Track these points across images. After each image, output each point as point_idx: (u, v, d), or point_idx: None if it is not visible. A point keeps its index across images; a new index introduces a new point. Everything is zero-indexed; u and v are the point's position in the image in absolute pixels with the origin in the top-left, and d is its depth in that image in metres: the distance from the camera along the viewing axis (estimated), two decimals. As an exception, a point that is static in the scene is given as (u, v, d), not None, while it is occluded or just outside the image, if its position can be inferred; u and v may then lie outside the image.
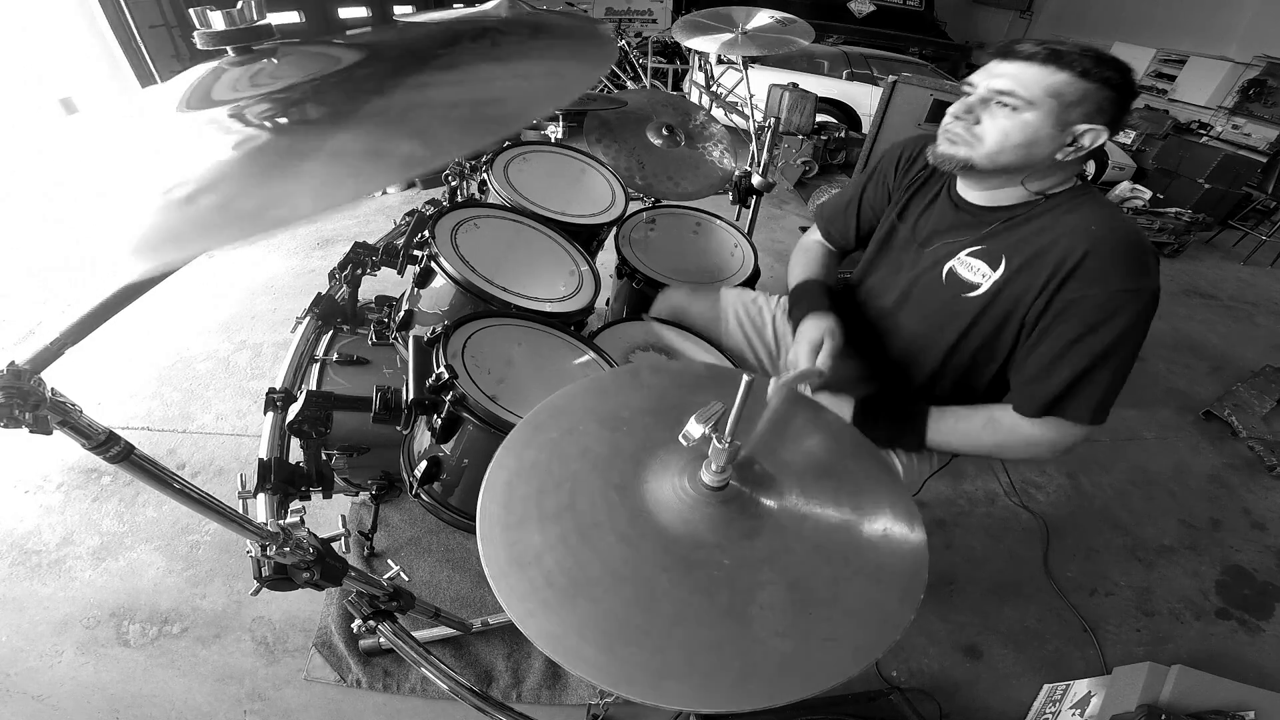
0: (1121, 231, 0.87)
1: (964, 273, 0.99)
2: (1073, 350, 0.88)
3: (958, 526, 1.91)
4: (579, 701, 1.36)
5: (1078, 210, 0.91)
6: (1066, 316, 0.88)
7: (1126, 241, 0.86)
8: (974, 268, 0.98)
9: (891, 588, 0.59)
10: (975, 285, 0.98)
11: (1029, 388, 0.94)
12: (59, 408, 0.58)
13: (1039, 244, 0.91)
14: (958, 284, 1.00)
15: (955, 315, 1.01)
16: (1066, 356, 0.89)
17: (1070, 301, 0.87)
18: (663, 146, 1.82)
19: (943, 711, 1.42)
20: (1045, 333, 0.91)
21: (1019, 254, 0.93)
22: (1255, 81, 5.96)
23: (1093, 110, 0.84)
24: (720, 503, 0.61)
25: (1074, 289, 0.87)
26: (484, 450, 0.85)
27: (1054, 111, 0.84)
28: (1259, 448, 2.37)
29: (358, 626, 0.99)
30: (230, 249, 3.03)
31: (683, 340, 1.30)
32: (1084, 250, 0.86)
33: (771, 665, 0.52)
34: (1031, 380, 0.93)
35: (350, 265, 1.28)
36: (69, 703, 1.30)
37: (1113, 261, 0.85)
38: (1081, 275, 0.86)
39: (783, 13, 2.20)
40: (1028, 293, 0.91)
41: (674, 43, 5.69)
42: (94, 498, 1.72)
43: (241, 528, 0.74)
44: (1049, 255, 0.89)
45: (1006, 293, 0.94)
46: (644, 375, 0.84)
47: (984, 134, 0.89)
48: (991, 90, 0.87)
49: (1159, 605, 1.75)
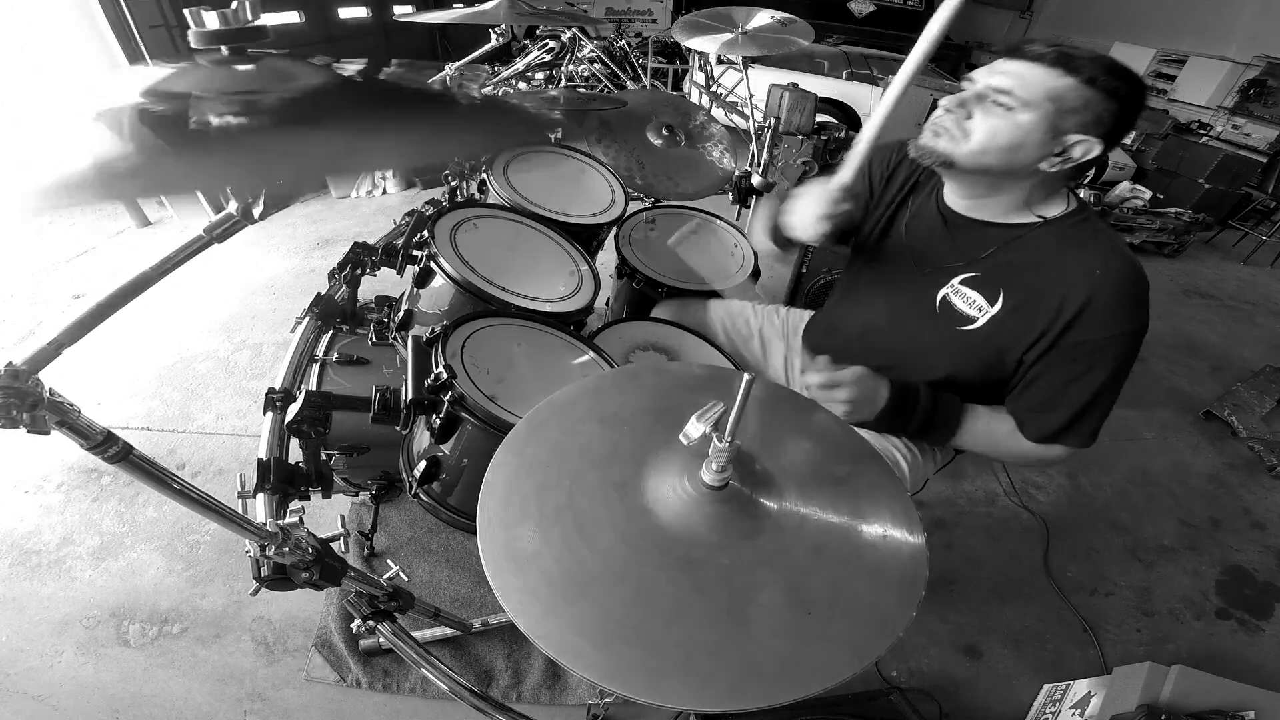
0: (1123, 272, 0.86)
1: (959, 303, 0.97)
2: (1072, 388, 0.90)
3: (958, 526, 1.91)
4: (579, 701, 1.36)
5: (1079, 246, 0.89)
6: (1068, 358, 0.89)
7: (1127, 283, 0.86)
8: (970, 299, 0.96)
9: (891, 590, 0.59)
10: (971, 319, 0.96)
11: (1036, 415, 0.95)
12: (57, 408, 0.58)
13: (1040, 283, 0.90)
14: (952, 315, 0.98)
15: (948, 347, 0.99)
16: (1067, 394, 0.91)
17: (1073, 345, 0.88)
18: (663, 146, 1.82)
19: (943, 711, 1.42)
20: (1045, 372, 0.92)
21: (1017, 291, 0.92)
22: (1255, 81, 5.95)
23: (1090, 120, 0.81)
24: (720, 502, 0.61)
25: (1077, 334, 0.87)
26: (483, 450, 0.85)
27: (1049, 116, 0.80)
28: (1259, 448, 2.37)
29: (357, 626, 0.99)
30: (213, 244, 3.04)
31: (682, 340, 1.30)
32: (1086, 296, 0.85)
33: (769, 665, 0.52)
34: (1038, 410, 0.94)
35: (350, 265, 1.28)
36: (69, 703, 1.30)
37: (1115, 306, 0.86)
38: (1084, 322, 0.86)
39: (783, 13, 2.21)
40: (1027, 332, 0.91)
41: (674, 43, 5.69)
42: (94, 498, 1.73)
43: (241, 528, 0.74)
44: (1049, 298, 0.88)
45: (1004, 330, 0.93)
46: (645, 375, 0.84)
47: (972, 130, 0.86)
48: (989, 87, 0.84)
49: (1159, 605, 1.75)
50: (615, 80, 5.30)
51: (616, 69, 5.34)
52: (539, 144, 1.34)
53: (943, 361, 1.00)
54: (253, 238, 3.19)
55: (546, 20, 2.07)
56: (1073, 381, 0.90)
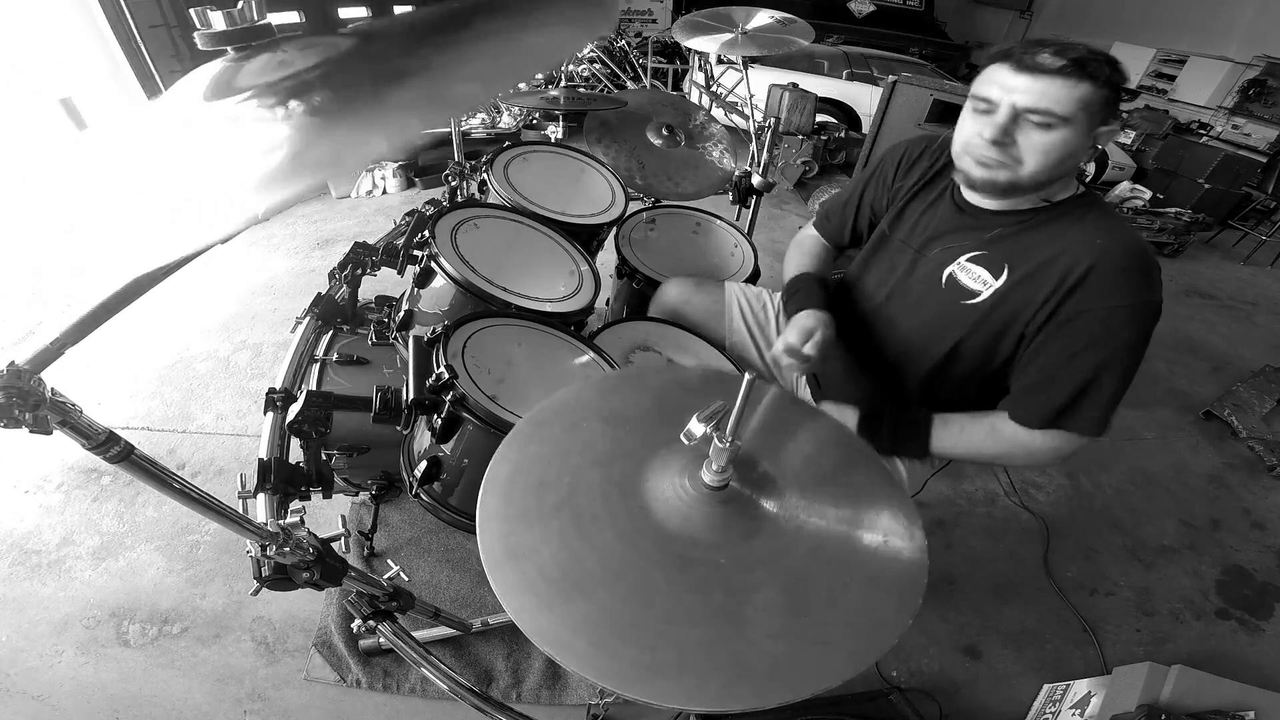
0: (1127, 244, 0.86)
1: (964, 279, 0.99)
2: (1074, 363, 0.88)
3: (958, 526, 1.91)
4: (579, 702, 1.36)
5: (1083, 221, 0.90)
6: (1069, 329, 0.88)
7: (1131, 254, 0.86)
8: (975, 274, 0.98)
9: (889, 594, 0.59)
10: (976, 293, 0.97)
11: (1030, 398, 0.94)
12: (59, 408, 0.58)
13: (1043, 255, 0.90)
14: (958, 290, 0.99)
15: (953, 321, 1.00)
16: (1068, 369, 0.89)
17: (1074, 314, 0.87)
18: (663, 146, 1.82)
19: (943, 711, 1.42)
20: (1046, 344, 0.91)
21: (1023, 264, 0.93)
22: (1255, 81, 5.95)
23: (1109, 113, 0.84)
24: (720, 503, 0.61)
25: (1078, 302, 0.87)
26: (484, 450, 0.85)
27: (1085, 123, 0.83)
28: (1259, 448, 2.37)
29: (358, 626, 0.99)
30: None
31: (682, 340, 1.30)
32: (1089, 264, 0.85)
33: (763, 667, 0.52)
34: (1032, 390, 0.93)
35: (350, 265, 1.28)
36: (69, 703, 1.30)
37: (1117, 276, 0.85)
38: (1086, 289, 0.86)
39: (783, 13, 2.21)
40: (1029, 304, 0.91)
41: (674, 43, 5.69)
42: (94, 498, 1.73)
43: (241, 528, 0.74)
44: (1053, 267, 0.89)
45: (1008, 302, 0.94)
46: (650, 375, 0.84)
47: (1022, 155, 0.86)
48: (1018, 108, 0.84)
49: (1159, 605, 1.75)
50: (615, 80, 5.30)
51: (616, 69, 5.35)
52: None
53: (948, 336, 1.01)
54: (253, 238, 3.18)
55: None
56: (1073, 355, 0.88)
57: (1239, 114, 5.88)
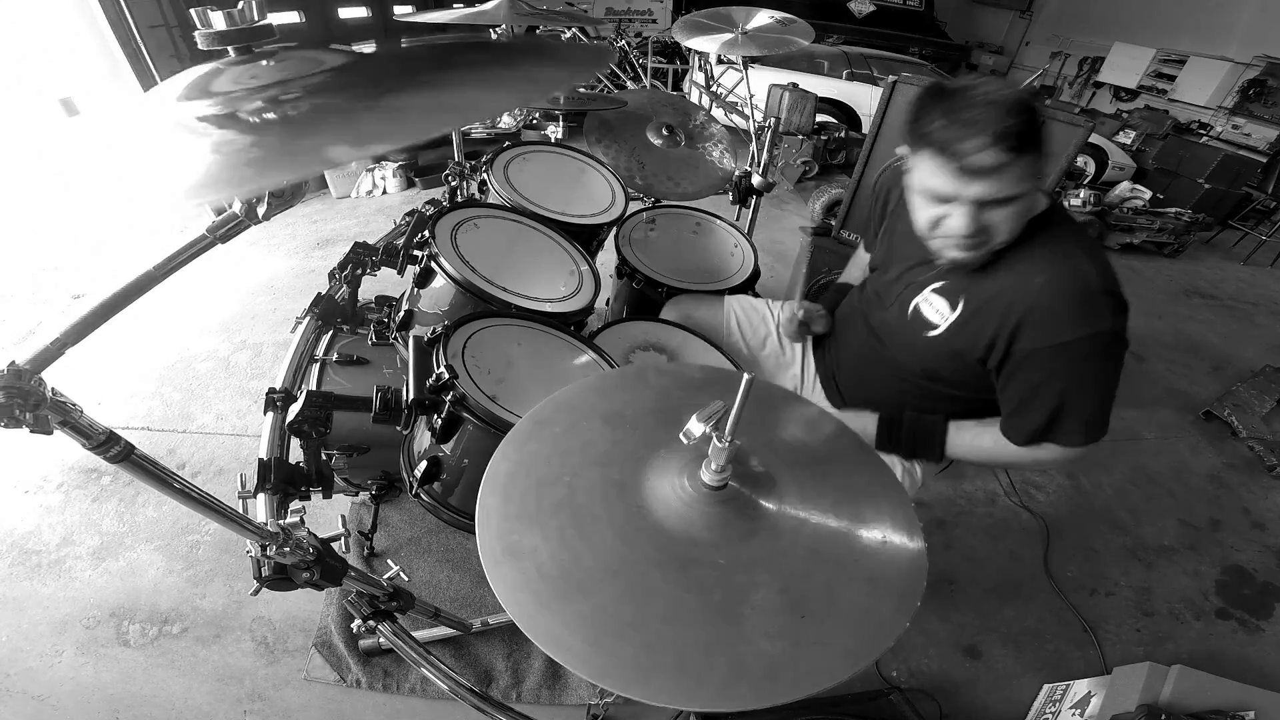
0: (1066, 278, 0.86)
1: (926, 311, 1.02)
2: (1040, 393, 0.91)
3: (958, 526, 1.91)
4: (579, 702, 1.36)
5: (1033, 253, 0.90)
6: (1026, 366, 0.91)
7: (1069, 291, 0.86)
8: (935, 306, 1.01)
9: (887, 595, 0.58)
10: (935, 325, 1.01)
11: (1012, 420, 0.97)
12: (59, 407, 0.58)
13: (991, 290, 0.93)
14: (920, 322, 1.03)
15: (920, 352, 1.04)
16: (1036, 399, 0.92)
17: (1024, 355, 0.90)
18: (663, 146, 1.82)
19: (943, 711, 1.42)
20: (1011, 378, 0.94)
21: (974, 298, 0.95)
22: (1255, 81, 5.96)
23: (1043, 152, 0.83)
24: (719, 503, 0.61)
25: (1025, 343, 0.89)
26: (484, 450, 0.85)
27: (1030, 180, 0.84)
28: (1259, 448, 2.37)
29: (358, 626, 0.99)
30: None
31: (682, 340, 1.30)
32: (1026, 305, 0.87)
33: (761, 666, 0.52)
34: (1013, 414, 0.96)
35: (350, 265, 1.28)
36: (69, 703, 1.30)
37: (1055, 316, 0.86)
38: (1028, 331, 0.88)
39: (783, 13, 2.21)
40: (979, 340, 0.94)
41: (674, 43, 5.69)
42: (94, 498, 1.73)
43: (241, 528, 0.74)
44: (995, 306, 0.91)
45: (962, 335, 0.97)
46: (650, 375, 0.84)
47: (994, 229, 0.87)
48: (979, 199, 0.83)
49: (1159, 605, 1.75)
50: (615, 80, 5.30)
51: (616, 69, 5.35)
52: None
53: (916, 365, 1.07)
54: (253, 238, 3.18)
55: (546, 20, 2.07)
56: (1036, 388, 0.91)
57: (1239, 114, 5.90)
